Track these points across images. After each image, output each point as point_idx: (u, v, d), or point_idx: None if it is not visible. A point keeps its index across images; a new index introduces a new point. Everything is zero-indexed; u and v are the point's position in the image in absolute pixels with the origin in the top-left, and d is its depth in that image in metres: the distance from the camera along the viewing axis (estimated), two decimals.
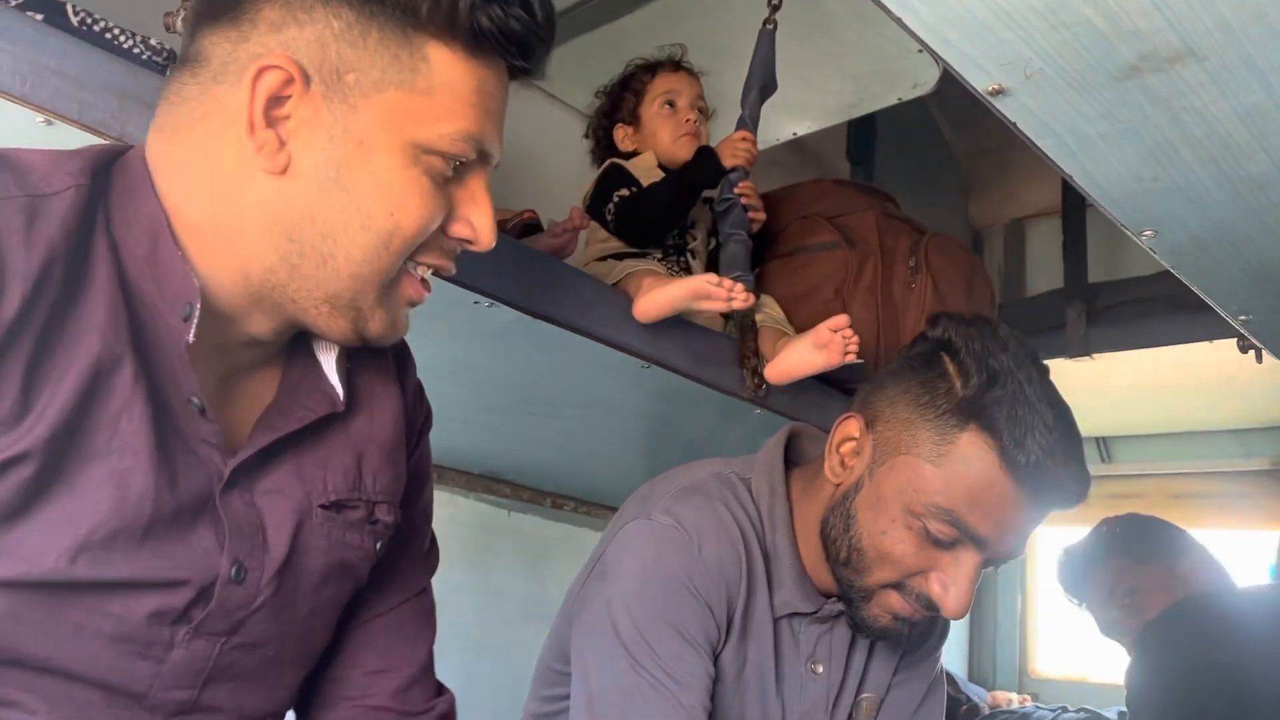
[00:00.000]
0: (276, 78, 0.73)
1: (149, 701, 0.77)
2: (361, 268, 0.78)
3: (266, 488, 0.82)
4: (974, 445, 1.10)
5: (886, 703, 1.37)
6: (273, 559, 0.81)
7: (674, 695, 1.13)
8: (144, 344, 0.74)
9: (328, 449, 0.87)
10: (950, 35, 0.88)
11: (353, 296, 0.79)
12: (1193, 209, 1.14)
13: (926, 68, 1.99)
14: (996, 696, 3.18)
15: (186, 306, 0.74)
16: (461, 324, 1.41)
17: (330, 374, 0.87)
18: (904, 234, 2.00)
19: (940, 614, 1.17)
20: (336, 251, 0.77)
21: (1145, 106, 0.95)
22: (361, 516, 0.88)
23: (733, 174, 1.74)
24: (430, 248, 0.82)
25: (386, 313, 0.82)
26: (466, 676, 2.21)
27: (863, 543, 1.17)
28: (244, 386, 0.84)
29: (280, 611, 0.83)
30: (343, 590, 0.89)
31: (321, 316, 0.80)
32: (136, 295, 0.74)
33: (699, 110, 1.88)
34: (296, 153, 0.75)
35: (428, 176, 0.78)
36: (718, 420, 1.89)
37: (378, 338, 0.83)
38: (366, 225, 0.76)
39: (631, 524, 1.24)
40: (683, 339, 1.62)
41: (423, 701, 0.98)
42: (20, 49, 0.90)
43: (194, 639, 0.77)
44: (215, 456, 0.78)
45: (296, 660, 0.88)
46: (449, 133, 0.77)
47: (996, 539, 1.12)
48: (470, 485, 2.28)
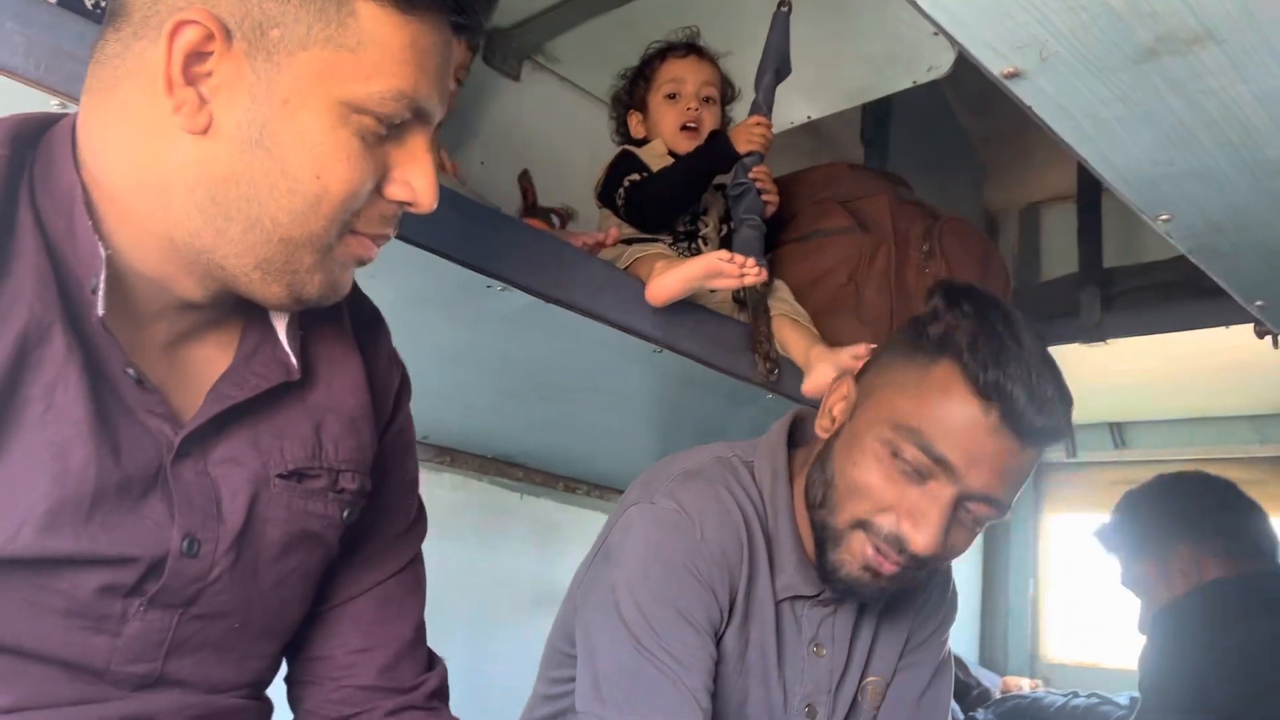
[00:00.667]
0: (195, 33, 0.70)
1: (110, 676, 0.76)
2: (291, 231, 0.74)
3: (221, 457, 0.80)
4: (947, 373, 1.12)
5: (893, 686, 1.37)
6: (228, 530, 0.79)
7: (678, 676, 1.14)
8: (77, 316, 0.72)
9: (284, 418, 0.84)
10: (966, 18, 0.87)
11: (285, 260, 0.76)
12: (1210, 193, 1.13)
13: (942, 51, 1.97)
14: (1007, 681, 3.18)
15: (94, 279, 0.71)
16: (474, 309, 1.41)
17: (283, 340, 0.84)
18: (918, 218, 1.99)
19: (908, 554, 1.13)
20: (263, 215, 0.74)
21: (1162, 89, 0.95)
22: (324, 485, 0.86)
23: (748, 159, 1.74)
24: (368, 212, 0.78)
25: (325, 275, 0.78)
26: (477, 658, 2.22)
27: (835, 478, 1.18)
28: (196, 354, 0.82)
29: (242, 583, 0.81)
30: (311, 559, 0.87)
31: (254, 283, 0.76)
32: (64, 267, 0.72)
33: (706, 99, 1.87)
34: (218, 112, 0.72)
35: (358, 137, 0.74)
36: (729, 404, 1.90)
37: (317, 300, 0.80)
38: (293, 189, 0.73)
39: (634, 508, 1.25)
40: (695, 323, 1.62)
41: (412, 676, 0.97)
42: (35, 32, 0.90)
43: (148, 611, 0.76)
44: (165, 427, 0.76)
45: (267, 632, 0.86)
46: (379, 91, 0.73)
47: (966, 468, 1.11)
48: (483, 469, 2.28)
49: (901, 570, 1.16)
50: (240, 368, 0.82)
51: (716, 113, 1.89)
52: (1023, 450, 1.12)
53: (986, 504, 1.14)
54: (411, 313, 1.03)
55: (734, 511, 1.24)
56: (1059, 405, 1.11)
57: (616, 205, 1.79)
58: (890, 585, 1.19)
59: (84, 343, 0.72)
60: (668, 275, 1.54)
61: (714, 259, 1.52)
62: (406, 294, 1.34)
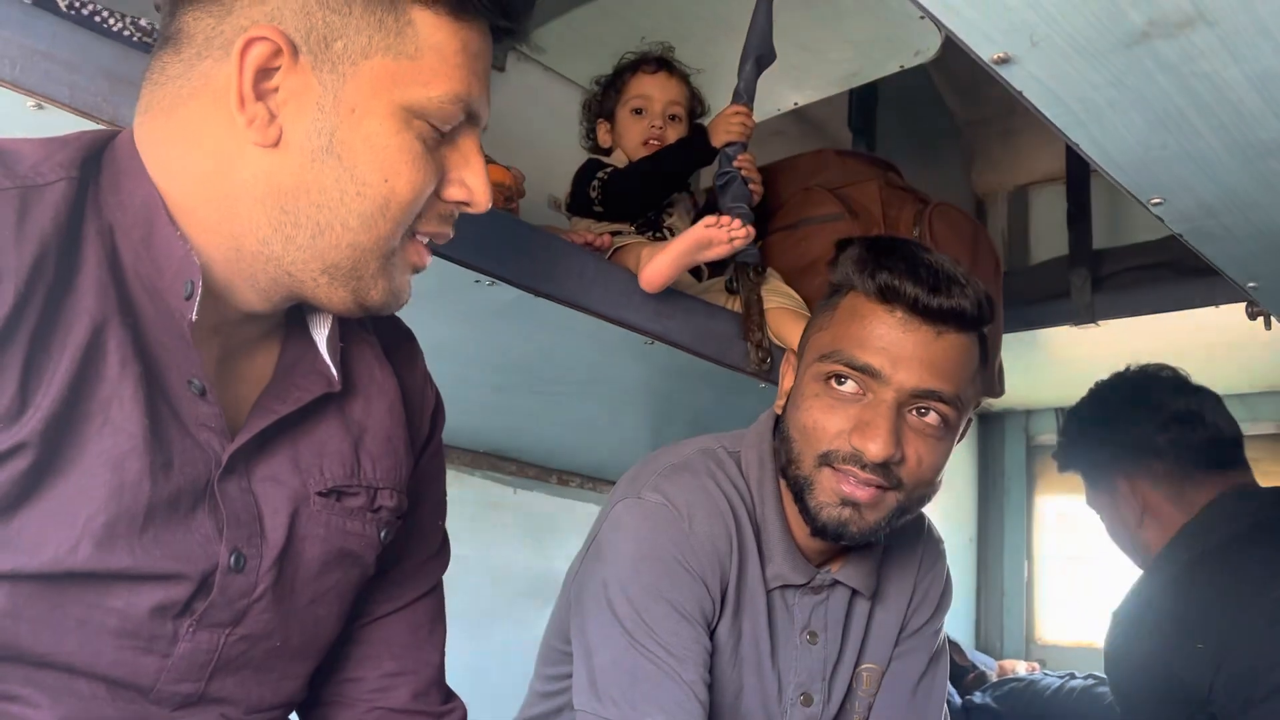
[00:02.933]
0: (264, 49, 0.72)
1: (155, 694, 0.76)
2: (360, 236, 0.77)
3: (263, 475, 0.81)
4: (850, 298, 1.22)
5: (889, 673, 1.37)
6: (271, 547, 0.80)
7: (674, 670, 1.14)
8: (137, 327, 0.73)
9: (324, 435, 0.86)
10: (953, 1, 0.86)
11: (353, 266, 0.78)
12: (1202, 176, 1.13)
13: (929, 35, 1.96)
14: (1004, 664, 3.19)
15: (188, 285, 0.74)
16: (463, 303, 1.40)
17: (324, 351, 0.86)
18: (907, 204, 1.98)
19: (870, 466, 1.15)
20: (333, 221, 0.76)
21: (1154, 73, 0.94)
22: (362, 504, 0.87)
23: (729, 148, 1.73)
24: (428, 214, 0.81)
25: (388, 281, 0.81)
26: (472, 653, 2.21)
27: (790, 430, 1.23)
28: (240, 370, 0.83)
29: (281, 601, 0.82)
30: (347, 579, 0.88)
31: (320, 288, 0.79)
32: (130, 278, 0.74)
33: (672, 116, 1.87)
34: (287, 124, 0.74)
35: (420, 141, 0.77)
36: (722, 395, 1.89)
37: (380, 307, 0.82)
38: (361, 192, 0.76)
39: (621, 504, 1.25)
40: (686, 314, 1.61)
41: (439, 703, 0.99)
42: (9, 33, 0.89)
43: (198, 631, 0.77)
44: (214, 441, 0.78)
45: (303, 651, 0.87)
46: (438, 95, 0.77)
47: (893, 369, 1.16)
48: (475, 463, 2.28)
49: (878, 494, 1.17)
50: (282, 381, 0.84)
51: (681, 130, 1.89)
52: (939, 335, 1.17)
53: (932, 400, 1.17)
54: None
55: (721, 503, 1.24)
56: (956, 285, 1.17)
57: (590, 206, 1.79)
58: (877, 518, 1.19)
59: (141, 355, 0.73)
60: (658, 258, 1.53)
61: (700, 229, 1.52)
62: None
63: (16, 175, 0.69)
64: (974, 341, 1.21)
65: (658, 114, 1.86)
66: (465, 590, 2.31)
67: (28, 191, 0.69)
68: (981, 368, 1.24)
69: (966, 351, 1.20)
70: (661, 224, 1.81)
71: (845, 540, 1.21)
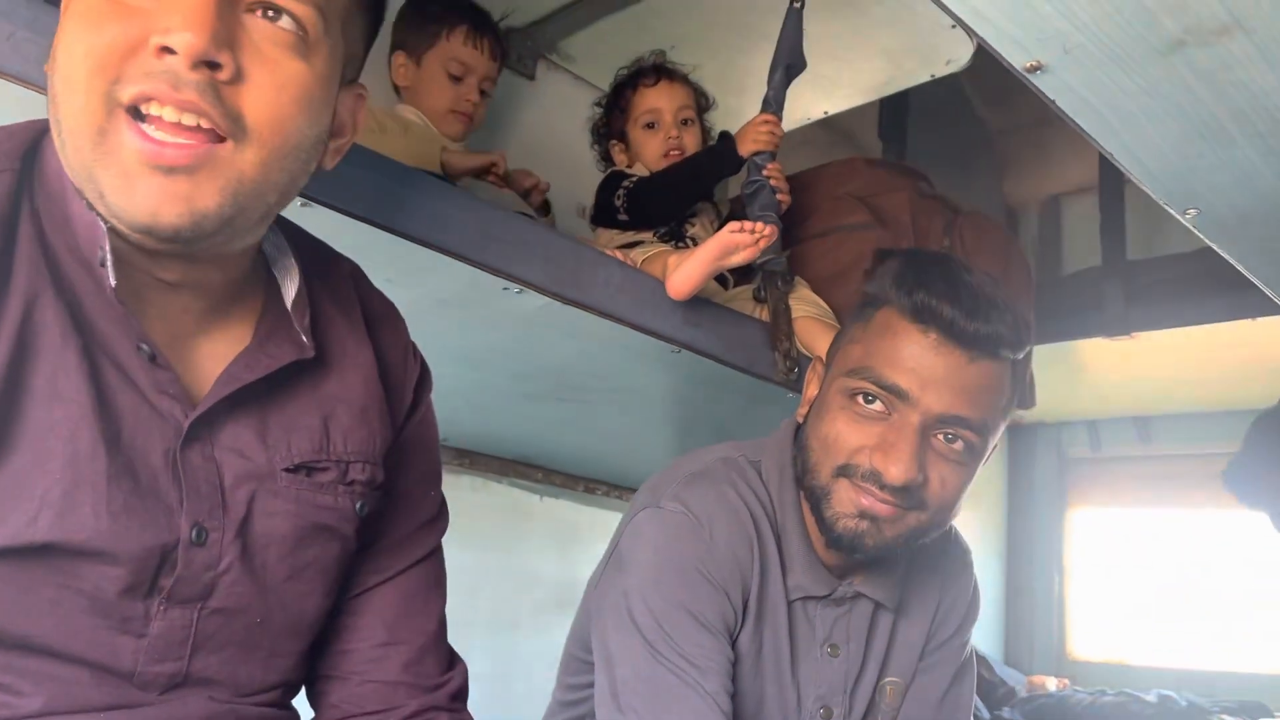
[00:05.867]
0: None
1: (138, 678, 0.76)
2: (68, 122, 0.70)
3: (226, 444, 0.80)
4: (885, 314, 1.19)
5: (913, 687, 1.35)
6: (231, 519, 0.79)
7: (696, 681, 1.13)
8: (76, 302, 0.73)
9: (294, 410, 0.85)
10: (986, 10, 0.86)
11: (80, 161, 0.70)
12: (1238, 185, 1.11)
13: (960, 44, 1.95)
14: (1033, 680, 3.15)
15: (101, 252, 0.72)
16: (491, 310, 1.41)
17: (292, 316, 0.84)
18: (937, 213, 1.97)
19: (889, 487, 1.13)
20: (59, 122, 0.71)
21: (1190, 81, 0.93)
22: (333, 478, 0.86)
23: (758, 157, 1.73)
24: (133, 71, 0.69)
25: (116, 175, 0.69)
26: (498, 660, 2.22)
27: (810, 440, 1.22)
28: (210, 344, 0.82)
29: (255, 575, 0.81)
30: (326, 553, 0.87)
31: (98, 207, 0.71)
32: (63, 255, 0.73)
33: (685, 121, 1.86)
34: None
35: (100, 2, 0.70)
36: (749, 404, 1.88)
37: (122, 210, 0.70)
38: (59, 74, 0.71)
39: (642, 513, 1.24)
40: (713, 323, 1.61)
41: (436, 673, 0.96)
42: (48, 40, 0.89)
43: (170, 608, 0.76)
44: (175, 410, 0.77)
45: (289, 628, 0.86)
46: None
47: (921, 391, 1.13)
48: (503, 470, 2.28)
49: (897, 511, 1.15)
50: (254, 351, 0.82)
51: (696, 131, 1.88)
52: (971, 361, 1.14)
53: (958, 426, 1.15)
54: (428, 315, 1.03)
55: (742, 512, 1.23)
56: (994, 311, 1.14)
57: (614, 215, 1.79)
58: (896, 534, 1.17)
59: (81, 327, 0.73)
60: (685, 265, 1.53)
61: (725, 234, 1.51)
62: (423, 296, 1.34)
63: None
64: (1007, 369, 1.18)
65: (670, 124, 1.85)
66: (490, 597, 2.32)
67: None
68: (1014, 393, 1.22)
69: (998, 379, 1.17)
70: (685, 233, 1.80)
71: (860, 554, 1.20)
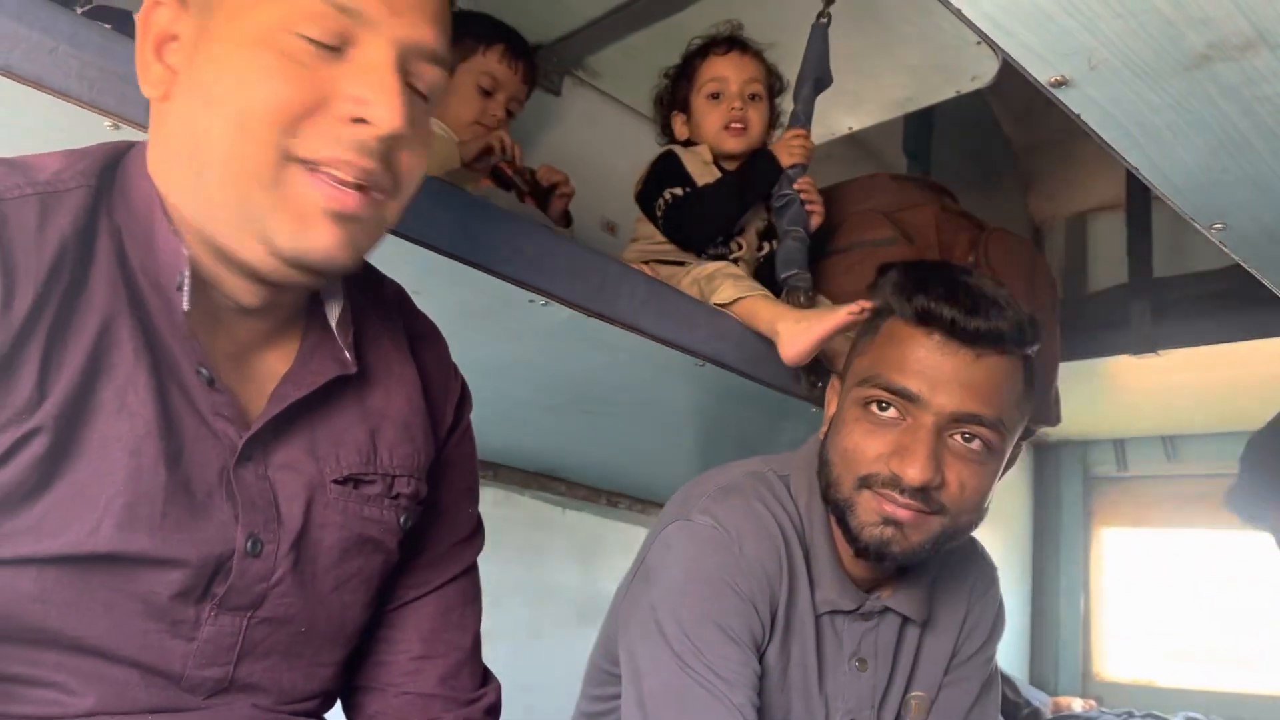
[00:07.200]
0: (164, 13, 0.76)
1: (186, 681, 0.78)
2: (230, 164, 0.73)
3: (280, 463, 0.83)
4: (890, 323, 1.22)
5: (938, 702, 1.35)
6: (287, 532, 0.82)
7: (724, 694, 1.13)
8: (148, 321, 0.76)
9: (342, 424, 0.87)
10: (1011, 25, 0.86)
11: (239, 202, 0.74)
12: (1265, 200, 1.11)
13: (985, 60, 1.96)
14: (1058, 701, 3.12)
15: (179, 277, 0.75)
16: (516, 322, 1.42)
17: (336, 333, 0.86)
18: (963, 229, 1.97)
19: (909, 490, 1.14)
20: (209, 156, 0.73)
21: (1215, 96, 0.93)
22: (379, 491, 0.88)
23: (791, 170, 1.73)
24: (319, 134, 0.73)
25: (288, 218, 0.74)
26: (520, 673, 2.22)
27: (831, 454, 1.23)
28: (260, 363, 0.85)
29: (303, 586, 0.83)
30: (370, 565, 0.89)
31: (230, 241, 0.75)
32: (139, 276, 0.76)
33: (752, 96, 1.82)
34: (180, 74, 0.76)
35: (285, 56, 0.72)
36: (772, 419, 1.88)
37: (294, 251, 0.75)
38: (220, 113, 0.72)
39: (671, 526, 1.25)
40: (737, 337, 1.61)
41: (471, 688, 0.98)
42: (88, 55, 0.92)
43: (220, 615, 0.79)
44: (230, 430, 0.79)
45: (332, 638, 0.88)
46: (297, 8, 0.72)
47: (931, 392, 1.15)
48: (525, 483, 2.29)
49: (919, 516, 1.16)
50: (299, 369, 0.85)
51: (764, 110, 1.83)
52: (978, 358, 1.15)
53: (973, 423, 1.16)
54: (454, 326, 1.04)
55: (771, 525, 1.24)
56: (995, 308, 1.16)
57: (655, 215, 1.78)
58: (922, 539, 1.18)
59: (152, 346, 0.76)
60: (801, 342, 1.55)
61: (843, 314, 1.50)
62: (449, 308, 1.35)
63: (37, 183, 0.73)
64: (1017, 364, 1.19)
65: (735, 95, 1.80)
66: (513, 609, 2.32)
67: (48, 198, 0.73)
68: (1029, 390, 1.23)
69: (1009, 374, 1.18)
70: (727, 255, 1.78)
71: (888, 560, 1.20)
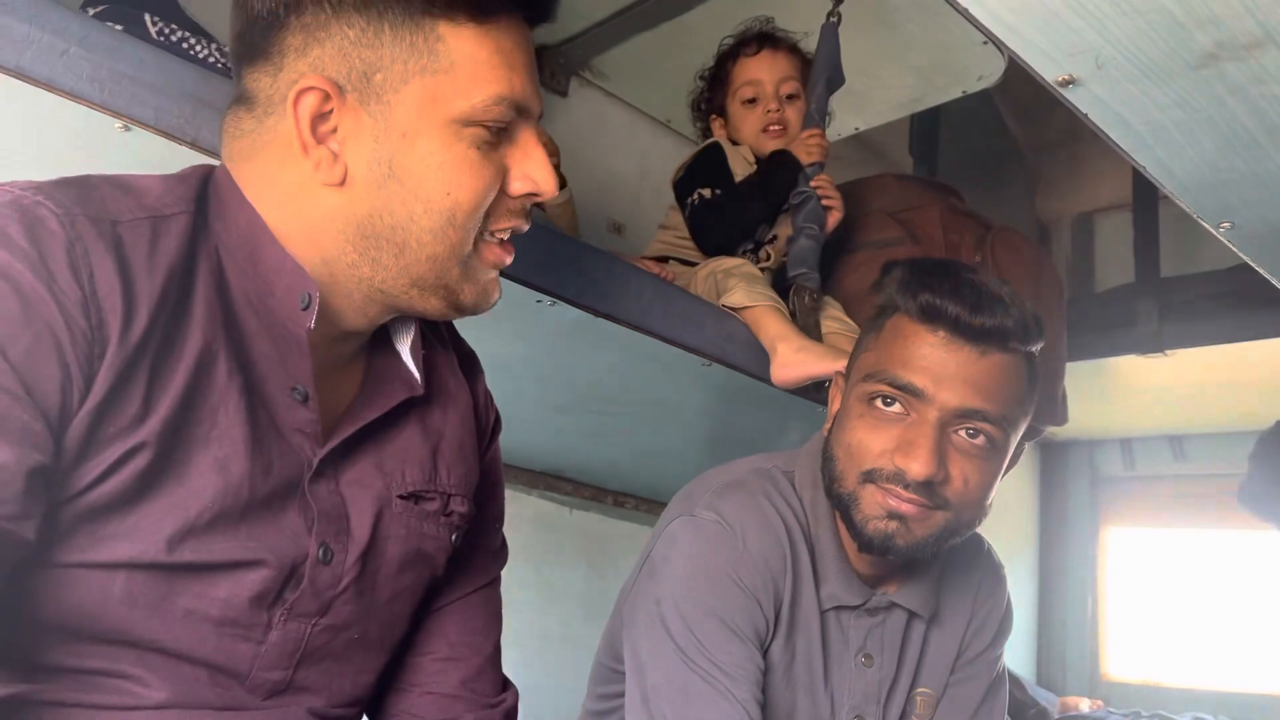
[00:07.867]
0: (314, 98, 0.79)
1: (250, 681, 0.82)
2: (435, 248, 0.82)
3: (350, 479, 0.87)
4: (894, 320, 1.22)
5: (945, 700, 1.35)
6: (356, 543, 0.86)
7: (727, 689, 1.14)
8: (241, 341, 0.80)
9: (406, 441, 0.92)
10: (1018, 25, 0.87)
11: (436, 275, 0.84)
12: (1273, 199, 1.11)
13: (992, 60, 1.96)
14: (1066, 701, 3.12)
15: (304, 296, 0.81)
16: (524, 323, 1.42)
17: (407, 359, 0.92)
18: (969, 229, 1.97)
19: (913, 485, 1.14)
20: (409, 239, 0.82)
21: (1223, 95, 0.93)
22: (437, 508, 0.93)
23: (809, 169, 1.74)
24: (499, 212, 0.86)
25: (474, 283, 0.87)
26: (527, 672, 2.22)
27: (835, 450, 1.23)
28: (331, 385, 0.89)
29: (363, 595, 0.88)
30: (420, 579, 0.94)
31: (414, 299, 0.85)
32: (236, 296, 0.81)
33: (789, 95, 1.81)
34: (350, 160, 0.80)
35: (474, 148, 0.81)
36: (779, 418, 1.89)
37: (474, 306, 0.88)
38: (428, 209, 0.81)
39: (676, 522, 1.25)
40: (745, 337, 1.61)
41: (491, 692, 1.02)
42: (99, 57, 0.93)
43: (289, 620, 0.83)
44: (306, 446, 0.84)
45: (379, 645, 0.93)
46: (481, 101, 0.80)
47: (935, 388, 1.15)
48: (532, 483, 2.29)
49: (924, 510, 1.16)
50: (371, 391, 0.91)
51: (801, 105, 1.81)
52: (983, 355, 1.16)
53: (977, 419, 1.16)
54: (461, 327, 1.05)
55: (775, 521, 1.24)
56: (999, 305, 1.16)
57: (684, 210, 1.78)
58: (926, 534, 1.18)
59: (244, 365, 0.80)
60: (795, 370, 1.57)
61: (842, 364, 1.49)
62: None
63: (146, 206, 0.77)
64: (1021, 361, 1.20)
65: (771, 97, 1.79)
66: (519, 608, 2.32)
67: (157, 221, 0.77)
68: (1032, 388, 1.23)
69: (1013, 371, 1.18)
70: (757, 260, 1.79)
71: (892, 554, 1.20)
